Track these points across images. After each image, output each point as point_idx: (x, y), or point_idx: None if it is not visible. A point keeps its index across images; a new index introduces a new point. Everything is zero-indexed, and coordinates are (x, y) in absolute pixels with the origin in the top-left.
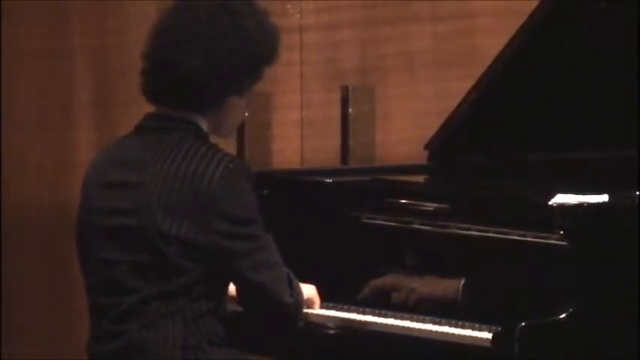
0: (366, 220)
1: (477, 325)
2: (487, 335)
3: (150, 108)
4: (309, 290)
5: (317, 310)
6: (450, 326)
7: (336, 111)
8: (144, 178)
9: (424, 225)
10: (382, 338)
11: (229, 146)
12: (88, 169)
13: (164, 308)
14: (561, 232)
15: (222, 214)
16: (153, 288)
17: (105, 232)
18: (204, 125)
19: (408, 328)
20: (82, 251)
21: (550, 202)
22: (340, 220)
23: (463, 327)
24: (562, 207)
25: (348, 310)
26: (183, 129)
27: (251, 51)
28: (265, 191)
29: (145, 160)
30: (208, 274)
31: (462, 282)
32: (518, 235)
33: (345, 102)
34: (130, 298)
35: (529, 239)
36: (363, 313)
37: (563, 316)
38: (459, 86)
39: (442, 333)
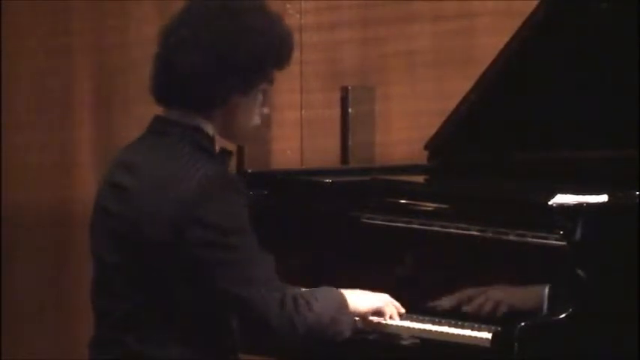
0: (365, 220)
1: (476, 325)
2: (487, 335)
3: (149, 108)
4: (373, 302)
5: None
6: (450, 326)
7: (336, 111)
8: (134, 182)
9: (424, 225)
10: (381, 338)
11: (229, 146)
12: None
13: (158, 321)
14: (561, 232)
15: (195, 220)
16: (144, 296)
17: (103, 231)
18: (209, 129)
19: (408, 328)
20: (91, 247)
21: (550, 202)
22: (340, 220)
23: (463, 327)
24: (562, 207)
25: None
26: (181, 134)
27: (254, 49)
28: (265, 191)
29: (139, 164)
30: (200, 286)
31: (462, 282)
32: (518, 235)
33: (344, 102)
34: (123, 304)
35: (529, 239)
36: None
37: (563, 316)
38: (458, 86)
39: (442, 333)
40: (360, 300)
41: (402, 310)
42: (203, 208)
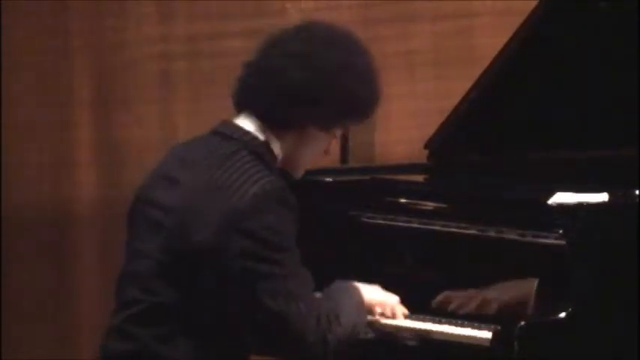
0: (365, 220)
1: (477, 325)
2: (487, 334)
3: (148, 108)
4: (383, 296)
5: None
6: (450, 325)
7: None
8: (189, 178)
9: (424, 224)
10: (381, 338)
11: None
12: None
13: (179, 324)
14: (561, 232)
15: (245, 231)
16: (172, 294)
17: (145, 222)
18: (276, 148)
19: (408, 327)
20: (128, 235)
21: (550, 202)
22: (340, 219)
23: (463, 326)
24: (562, 207)
25: None
26: (246, 142)
27: (354, 94)
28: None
29: (196, 161)
30: (232, 296)
31: (462, 282)
32: (518, 235)
33: None
34: (149, 298)
35: (529, 239)
36: None
37: (563, 315)
38: (458, 85)
39: (442, 332)
40: (372, 293)
41: (406, 312)
42: (254, 220)
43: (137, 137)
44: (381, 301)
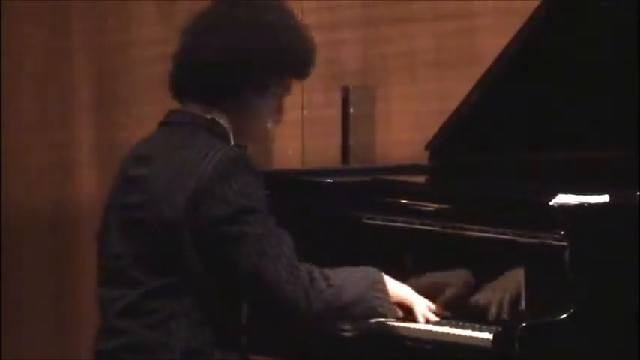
0: (366, 221)
1: (477, 325)
2: (487, 335)
3: (149, 108)
4: (402, 293)
5: None
6: (450, 326)
7: (337, 111)
8: (151, 170)
9: (424, 225)
10: (381, 338)
11: None
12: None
13: (169, 308)
14: (561, 233)
15: (216, 197)
16: (158, 280)
17: (118, 227)
18: (224, 122)
19: (408, 328)
20: (99, 247)
21: (550, 202)
22: (340, 220)
23: (463, 327)
24: (562, 207)
25: None
26: (196, 124)
27: (267, 47)
28: (266, 191)
29: (154, 154)
30: (214, 269)
31: (462, 282)
32: (518, 235)
33: (345, 102)
34: (136, 290)
35: (529, 239)
36: None
37: (563, 316)
38: (459, 86)
39: (442, 333)
40: (398, 286)
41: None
42: (223, 186)
43: (137, 138)
44: (413, 298)
